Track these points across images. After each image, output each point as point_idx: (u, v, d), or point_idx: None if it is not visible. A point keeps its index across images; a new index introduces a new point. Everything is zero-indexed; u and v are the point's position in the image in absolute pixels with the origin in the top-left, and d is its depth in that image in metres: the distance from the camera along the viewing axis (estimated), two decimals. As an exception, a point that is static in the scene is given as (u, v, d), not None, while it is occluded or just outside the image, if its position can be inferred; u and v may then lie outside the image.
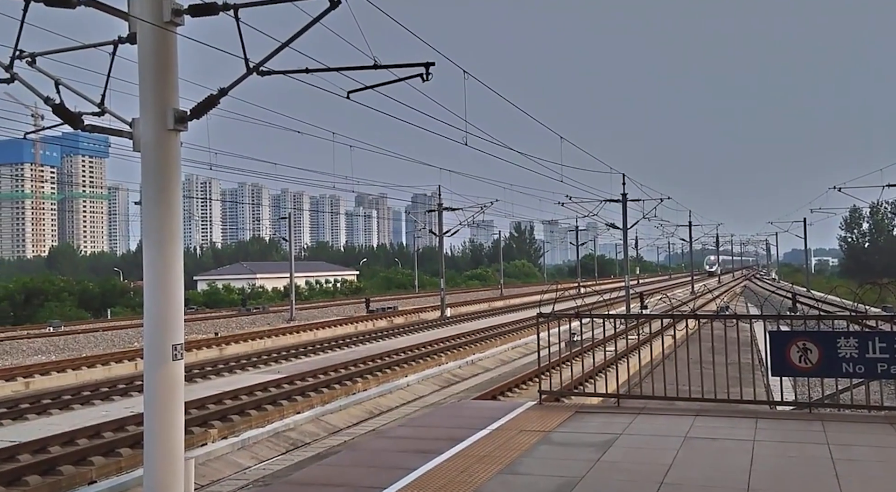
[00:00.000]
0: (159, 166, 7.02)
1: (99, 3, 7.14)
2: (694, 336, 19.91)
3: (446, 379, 19.99)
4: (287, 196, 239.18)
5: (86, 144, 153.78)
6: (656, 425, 8.32)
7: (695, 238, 71.11)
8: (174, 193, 7.12)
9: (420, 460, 6.98)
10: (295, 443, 13.44)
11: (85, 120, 7.67)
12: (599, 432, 7.94)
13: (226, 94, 7.59)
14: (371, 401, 16.69)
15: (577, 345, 18.32)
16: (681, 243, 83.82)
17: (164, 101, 6.99)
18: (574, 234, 74.49)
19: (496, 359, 23.50)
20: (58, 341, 29.87)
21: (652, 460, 6.83)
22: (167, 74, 7.04)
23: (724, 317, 10.08)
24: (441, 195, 39.80)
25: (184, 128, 7.15)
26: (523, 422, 8.54)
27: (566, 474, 6.48)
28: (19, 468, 9.85)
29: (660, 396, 9.71)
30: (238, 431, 13.23)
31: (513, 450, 7.30)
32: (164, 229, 7.02)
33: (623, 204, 36.50)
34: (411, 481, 6.34)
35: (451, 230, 38.19)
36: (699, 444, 7.43)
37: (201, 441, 12.34)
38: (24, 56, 7.76)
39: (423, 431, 8.38)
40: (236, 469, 11.79)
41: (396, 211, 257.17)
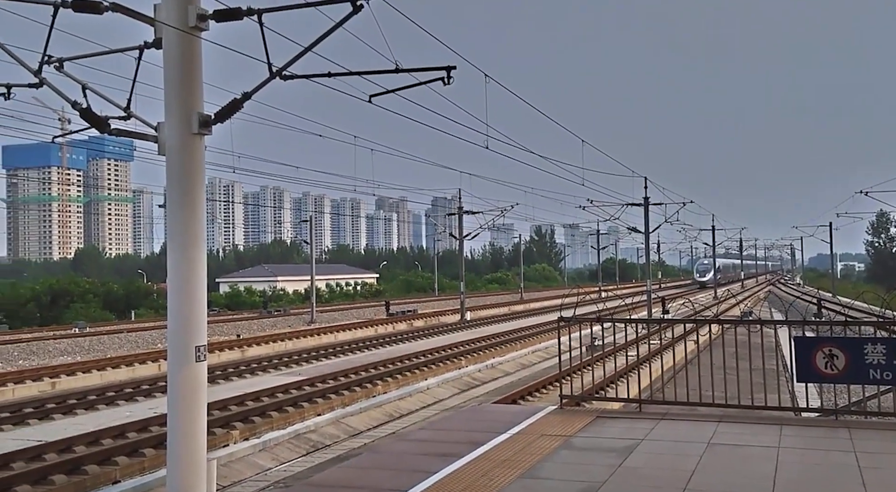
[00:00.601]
0: (184, 170, 7.10)
1: (126, 9, 7.24)
2: (717, 341, 19.69)
3: (466, 383, 19.97)
4: (308, 199, 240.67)
5: (111, 148, 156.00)
6: (679, 430, 8.24)
7: (718, 242, 70.48)
8: (198, 196, 7.20)
9: (441, 463, 6.97)
10: (315, 445, 13.49)
11: (111, 124, 7.78)
12: (621, 438, 7.88)
13: (249, 98, 7.66)
14: (391, 404, 16.71)
15: (599, 349, 18.21)
16: (704, 248, 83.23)
17: (189, 106, 7.07)
18: (595, 237, 74.10)
19: (516, 363, 23.43)
20: (83, 342, 30.28)
21: (674, 467, 6.77)
22: (192, 79, 7.12)
23: (747, 322, 9.95)
24: (461, 198, 39.81)
25: (208, 132, 7.23)
26: (544, 426, 8.50)
27: (587, 479, 6.44)
28: (46, 468, 9.99)
29: (682, 401, 9.62)
30: (259, 432, 13.31)
31: (533, 454, 7.27)
32: (188, 232, 7.10)
33: (645, 208, 36.24)
34: (432, 484, 6.34)
35: (472, 234, 38.21)
36: (722, 450, 7.35)
37: (223, 442, 12.44)
38: (52, 61, 7.89)
39: (443, 434, 8.38)
40: (257, 471, 11.86)
41: (416, 214, 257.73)
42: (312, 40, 7.60)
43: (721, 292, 62.09)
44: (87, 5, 7.21)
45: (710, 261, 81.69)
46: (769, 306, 50.12)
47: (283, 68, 7.81)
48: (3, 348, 27.72)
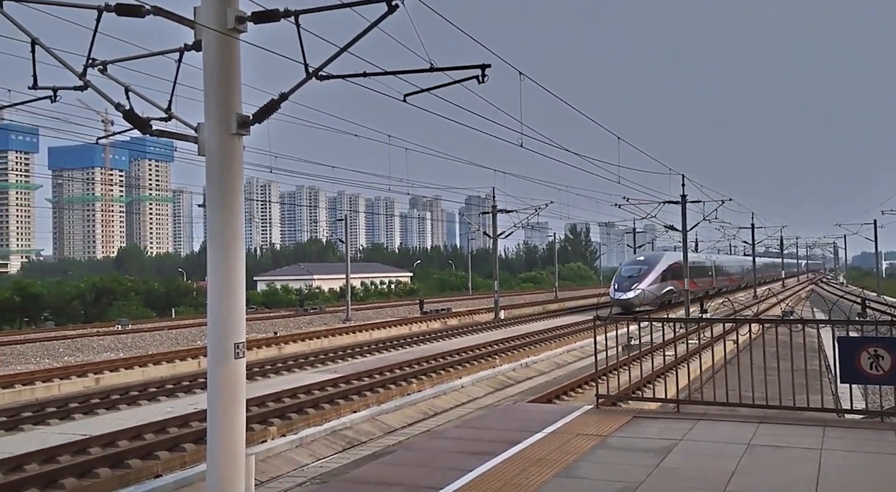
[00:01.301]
0: (223, 170, 7.21)
1: (166, 12, 7.38)
2: (757, 341, 19.34)
3: (500, 381, 19.93)
4: (343, 198, 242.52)
5: (152, 149, 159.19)
6: (718, 431, 8.12)
7: (758, 241, 69.19)
8: (237, 195, 7.31)
9: (476, 461, 6.98)
10: (351, 442, 13.60)
11: (153, 125, 7.94)
12: (658, 438, 7.80)
13: (286, 99, 7.75)
14: (426, 402, 16.77)
15: (635, 349, 18.01)
16: (743, 246, 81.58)
17: (228, 107, 7.18)
18: (631, 236, 73.34)
19: (551, 362, 23.32)
20: (126, 339, 30.97)
21: (713, 467, 6.67)
22: (231, 80, 7.23)
23: (788, 321, 9.75)
24: (495, 197, 39.72)
25: (246, 132, 7.33)
26: (580, 426, 8.45)
27: (624, 479, 6.39)
28: (90, 461, 10.25)
29: (721, 402, 9.47)
30: (296, 428, 13.47)
31: (570, 454, 7.23)
32: (227, 231, 7.21)
33: (682, 206, 35.73)
34: (467, 482, 6.35)
35: (506, 232, 38.09)
36: (763, 451, 7.22)
37: (261, 438, 12.62)
38: (96, 64, 8.08)
39: (478, 432, 8.38)
40: (294, 466, 12.01)
41: (450, 213, 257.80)
42: (348, 41, 7.66)
43: (761, 291, 61.02)
44: (129, 9, 7.37)
45: (648, 259, 43.59)
46: (811, 306, 49.07)
47: (319, 69, 7.88)
48: (49, 345, 28.50)
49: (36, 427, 13.65)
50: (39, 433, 13.02)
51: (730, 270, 66.92)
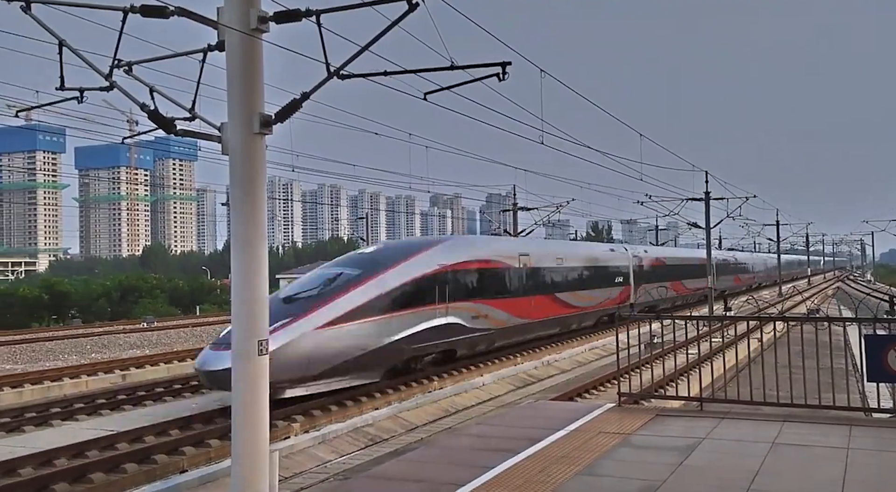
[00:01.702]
0: (246, 169, 7.29)
1: (190, 13, 7.47)
2: (782, 340, 19.14)
3: (522, 379, 19.90)
4: (364, 197, 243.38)
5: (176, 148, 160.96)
6: (742, 430, 8.05)
7: (783, 238, 68.30)
8: (260, 194, 7.38)
9: (497, 458, 6.99)
10: (373, 438, 13.67)
11: (177, 125, 8.04)
12: (682, 436, 7.75)
13: (308, 98, 7.81)
14: (447, 399, 16.79)
15: (658, 347, 17.90)
16: (768, 243, 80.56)
17: (251, 106, 7.25)
18: (654, 233, 72.81)
19: (573, 360, 23.23)
20: (151, 336, 31.38)
21: (737, 466, 6.62)
22: (253, 80, 7.30)
23: (814, 319, 9.63)
24: (516, 195, 39.62)
25: (269, 131, 7.40)
26: (602, 424, 8.42)
27: (647, 477, 6.36)
28: (118, 456, 10.41)
29: (745, 400, 9.39)
30: (319, 425, 13.57)
31: (592, 451, 7.21)
32: (250, 229, 7.28)
33: (706, 203, 35.36)
34: (489, 479, 6.36)
35: (526, 230, 37.90)
36: (788, 451, 7.15)
37: (285, 434, 12.72)
38: (121, 65, 8.20)
39: (499, 430, 8.39)
40: (318, 463, 12.10)
41: (471, 211, 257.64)
42: (368, 39, 7.70)
43: (787, 289, 60.18)
44: (154, 10, 7.47)
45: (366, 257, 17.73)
46: (838, 304, 48.35)
47: (340, 68, 7.93)
48: (77, 342, 28.97)
49: (65, 423, 13.88)
50: (68, 429, 13.25)
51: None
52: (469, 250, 19.98)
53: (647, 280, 34.34)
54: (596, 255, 29.85)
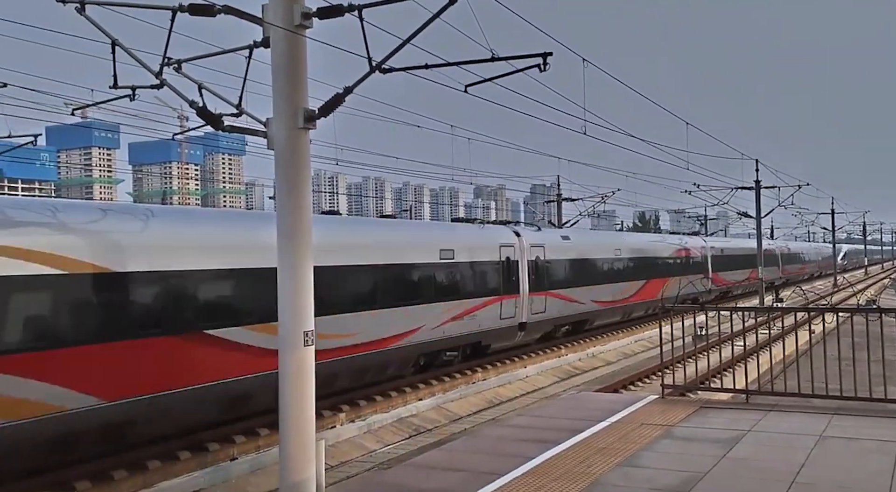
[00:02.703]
0: (291, 163, 7.44)
1: (237, 11, 7.65)
2: (834, 332, 18.68)
3: (566, 371, 19.84)
4: (408, 189, 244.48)
5: (225, 143, 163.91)
6: (789, 422, 7.93)
7: (838, 226, 66.32)
8: (305, 187, 7.54)
9: (538, 449, 7.03)
10: (417, 429, 13.83)
11: (224, 121, 8.25)
12: (726, 428, 7.67)
13: (351, 93, 7.92)
14: (490, 391, 16.86)
15: (704, 339, 17.63)
16: (822, 232, 78.29)
17: (295, 102, 7.40)
18: (702, 223, 71.44)
19: (618, 352, 23.05)
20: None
21: (783, 458, 6.53)
22: (297, 76, 7.45)
23: (866, 310, 9.38)
24: (560, 185, 39.32)
25: (313, 126, 7.54)
26: (645, 415, 8.39)
27: (689, 468, 6.33)
28: (172, 445, 10.75)
29: (793, 392, 9.22)
30: (364, 415, 13.78)
31: (633, 443, 7.20)
32: (296, 222, 7.44)
33: (756, 191, 34.55)
34: (529, 469, 6.41)
35: (571, 221, 37.60)
36: (836, 443, 7.02)
37: (331, 424, 12.96)
38: (171, 63, 8.45)
39: (541, 421, 8.42)
40: (363, 451, 12.31)
41: (515, 202, 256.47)
42: (410, 33, 7.77)
43: (840, 280, 58.46)
44: (202, 8, 7.68)
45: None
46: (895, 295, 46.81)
47: (382, 62, 8.02)
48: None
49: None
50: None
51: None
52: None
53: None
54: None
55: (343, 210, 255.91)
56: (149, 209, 10.84)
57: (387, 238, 15.59)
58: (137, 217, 10.21)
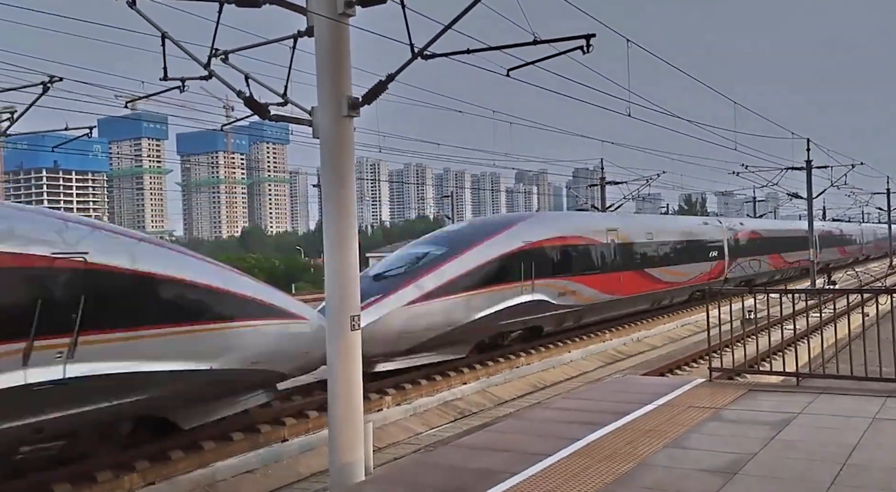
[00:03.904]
0: (335, 151, 7.58)
1: (282, 1, 7.78)
2: (890, 315, 18.19)
3: (610, 356, 19.75)
4: (449, 175, 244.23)
5: (269, 132, 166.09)
6: (840, 405, 7.80)
7: (894, 207, 64.18)
8: (349, 174, 7.67)
9: (585, 430, 7.07)
10: (462, 412, 13.97)
11: (270, 110, 8.42)
12: (775, 411, 7.59)
13: (393, 80, 8.01)
14: (535, 375, 16.90)
15: (753, 323, 17.34)
16: (877, 213, 75.82)
17: (339, 90, 7.52)
18: (751, 205, 69.85)
19: (664, 336, 22.82)
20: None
21: (833, 441, 6.45)
22: (341, 64, 7.56)
23: (922, 292, 9.13)
24: (603, 169, 38.89)
25: (356, 114, 7.66)
26: (692, 398, 8.34)
27: (737, 450, 6.30)
28: (224, 427, 11.08)
29: (845, 375, 9.05)
30: (410, 398, 13.97)
31: (680, 425, 7.19)
32: (341, 209, 7.59)
33: (808, 172, 33.65)
34: (575, 450, 6.46)
35: (615, 205, 37.19)
36: (890, 426, 6.89)
37: (377, 407, 13.18)
38: (218, 54, 8.63)
39: (587, 403, 8.45)
40: (409, 434, 12.51)
41: (557, 186, 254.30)
42: (452, 18, 7.79)
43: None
44: (248, 0, 7.83)
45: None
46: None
47: (424, 48, 8.08)
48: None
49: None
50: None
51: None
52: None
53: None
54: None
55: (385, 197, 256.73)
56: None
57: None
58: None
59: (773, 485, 5.45)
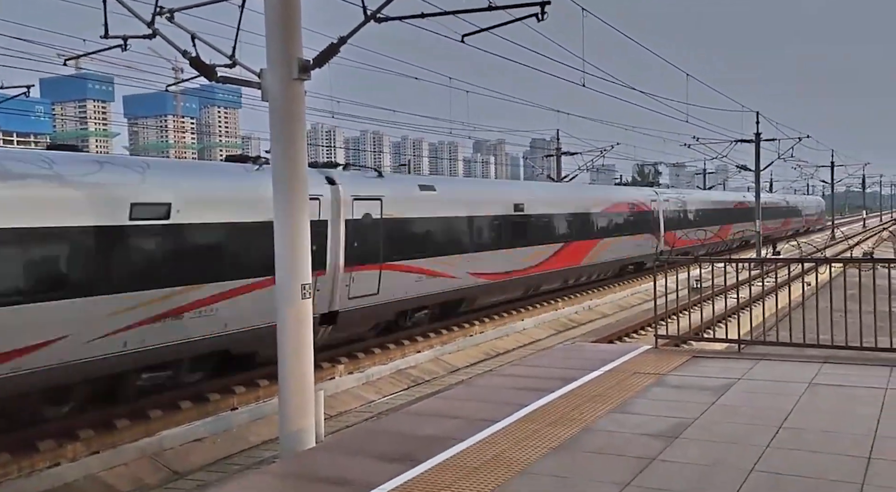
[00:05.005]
0: (285, 115, 7.40)
1: (227, -41, 7.49)
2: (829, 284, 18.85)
3: (563, 324, 20.07)
4: (407, 143, 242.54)
5: (221, 96, 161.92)
6: (779, 370, 8.07)
7: (838, 179, 66.17)
8: (299, 139, 7.50)
9: (533, 396, 7.17)
10: (416, 380, 14.07)
11: (218, 72, 8.17)
12: (717, 377, 7.82)
13: (345, 43, 7.84)
14: (488, 343, 17.08)
15: (699, 292, 17.77)
16: (822, 185, 78.04)
17: (290, 52, 7.31)
18: (701, 177, 71.23)
19: (614, 304, 23.27)
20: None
21: (771, 405, 6.68)
22: (291, 24, 7.34)
23: (858, 260, 9.45)
24: (559, 139, 39.06)
25: (307, 77, 7.46)
26: (638, 365, 8.53)
27: (679, 415, 6.48)
28: (174, 395, 10.94)
29: (785, 342, 9.37)
30: (363, 367, 13.99)
31: (626, 391, 7.35)
32: (292, 176, 7.43)
33: (756, 144, 34.35)
34: (524, 416, 6.56)
35: (570, 175, 37.48)
36: (824, 390, 7.17)
37: (329, 376, 13.17)
38: (163, 12, 8.32)
39: (536, 370, 8.57)
40: (362, 402, 12.55)
41: (514, 157, 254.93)
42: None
43: (838, 234, 58.61)
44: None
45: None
46: (893, 246, 47.02)
47: (377, 10, 7.91)
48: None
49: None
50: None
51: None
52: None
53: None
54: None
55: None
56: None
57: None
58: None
59: (711, 448, 5.63)
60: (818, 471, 5.09)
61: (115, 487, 8.69)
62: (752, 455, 5.42)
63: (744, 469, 5.14)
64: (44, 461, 8.69)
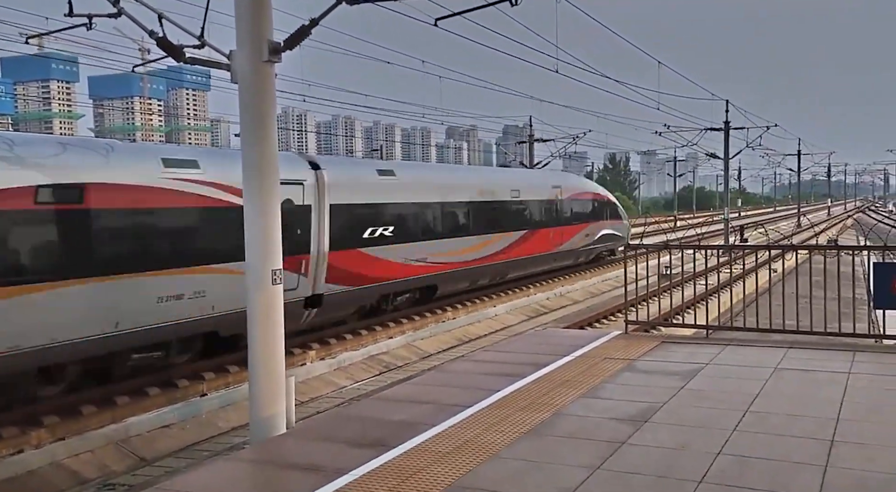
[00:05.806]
0: (255, 97, 7.28)
1: (195, -63, 7.31)
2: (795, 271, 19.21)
3: (534, 310, 20.20)
4: (379, 128, 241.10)
5: (189, 78, 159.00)
6: (746, 356, 8.22)
7: (804, 168, 67.36)
8: (270, 123, 7.39)
9: (504, 382, 7.21)
10: (388, 366, 14.07)
11: (186, 53, 8.00)
12: (685, 362, 7.93)
13: (317, 25, 7.72)
14: (460, 329, 17.13)
15: (668, 279, 18.01)
16: (788, 174, 79.38)
17: (260, 33, 7.18)
18: (672, 165, 72.05)
19: (585, 291, 23.46)
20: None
21: (738, 390, 6.80)
22: (262, 6, 7.21)
23: (822, 248, 9.63)
24: (532, 126, 39.10)
25: (278, 59, 7.35)
26: (608, 350, 8.62)
27: (648, 399, 6.56)
28: (142, 382, 10.80)
29: (752, 327, 9.54)
30: (334, 353, 13.93)
31: (595, 376, 7.42)
32: (262, 158, 7.33)
33: (725, 132, 34.83)
34: (494, 402, 6.59)
35: (542, 162, 37.57)
36: (789, 375, 7.31)
37: (301, 362, 13.10)
38: (129, -9, 8.10)
39: (507, 356, 8.61)
40: (333, 388, 12.51)
41: (487, 143, 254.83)
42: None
43: (805, 221, 59.69)
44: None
45: None
46: (856, 235, 48.07)
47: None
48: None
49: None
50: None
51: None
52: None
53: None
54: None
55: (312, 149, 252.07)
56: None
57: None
58: None
59: (679, 432, 5.72)
60: (783, 453, 5.19)
61: (81, 474, 8.57)
62: (719, 439, 5.51)
63: (711, 452, 5.23)
64: (7, 448, 8.52)
